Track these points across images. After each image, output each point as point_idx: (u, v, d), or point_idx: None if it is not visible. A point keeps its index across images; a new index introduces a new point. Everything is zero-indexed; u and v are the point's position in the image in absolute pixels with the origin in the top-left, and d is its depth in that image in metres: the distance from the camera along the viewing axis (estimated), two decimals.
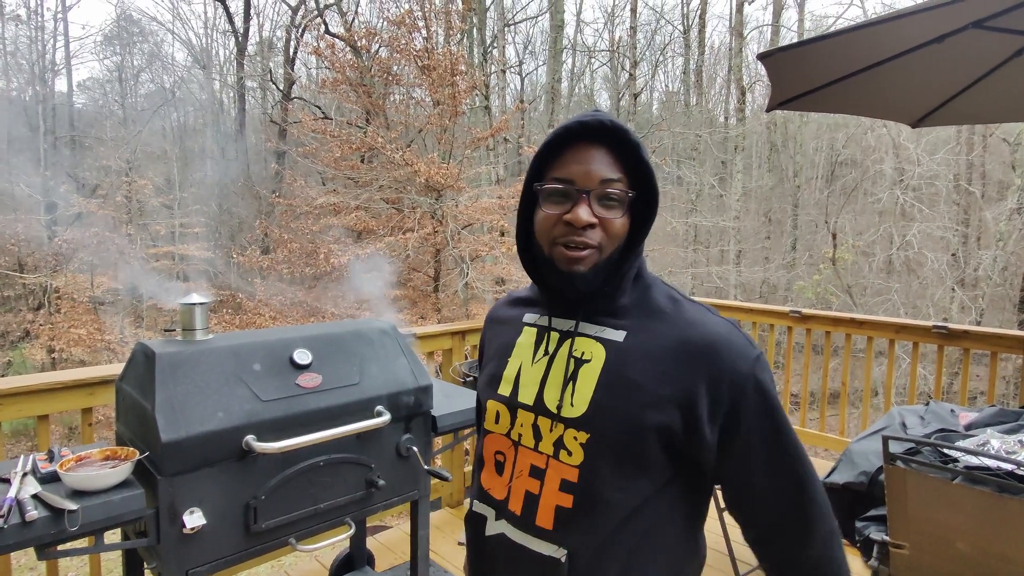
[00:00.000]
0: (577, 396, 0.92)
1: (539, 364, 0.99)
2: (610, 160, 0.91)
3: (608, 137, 0.91)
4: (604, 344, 0.93)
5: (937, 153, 13.94)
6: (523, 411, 0.98)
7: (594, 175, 0.90)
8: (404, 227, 10.83)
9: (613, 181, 0.90)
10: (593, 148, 0.91)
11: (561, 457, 0.92)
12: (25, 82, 16.47)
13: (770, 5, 16.96)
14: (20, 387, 2.07)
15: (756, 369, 0.90)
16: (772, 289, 16.33)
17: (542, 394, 0.96)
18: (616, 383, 0.91)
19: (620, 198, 0.91)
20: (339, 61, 11.78)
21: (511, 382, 1.01)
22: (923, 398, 10.28)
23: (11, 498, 1.41)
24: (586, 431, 0.91)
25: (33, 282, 13.39)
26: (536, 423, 0.96)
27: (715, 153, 17.14)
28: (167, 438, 1.51)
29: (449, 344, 3.42)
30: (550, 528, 0.93)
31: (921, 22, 2.21)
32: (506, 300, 1.15)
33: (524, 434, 0.97)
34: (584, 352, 0.94)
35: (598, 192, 0.90)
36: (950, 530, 1.82)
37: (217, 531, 1.62)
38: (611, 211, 0.91)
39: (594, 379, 0.92)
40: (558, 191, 0.91)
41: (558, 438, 0.93)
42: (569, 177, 0.91)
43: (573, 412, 0.92)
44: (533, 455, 0.96)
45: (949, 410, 2.52)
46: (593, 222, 0.90)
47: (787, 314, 4.24)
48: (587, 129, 0.91)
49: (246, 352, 1.76)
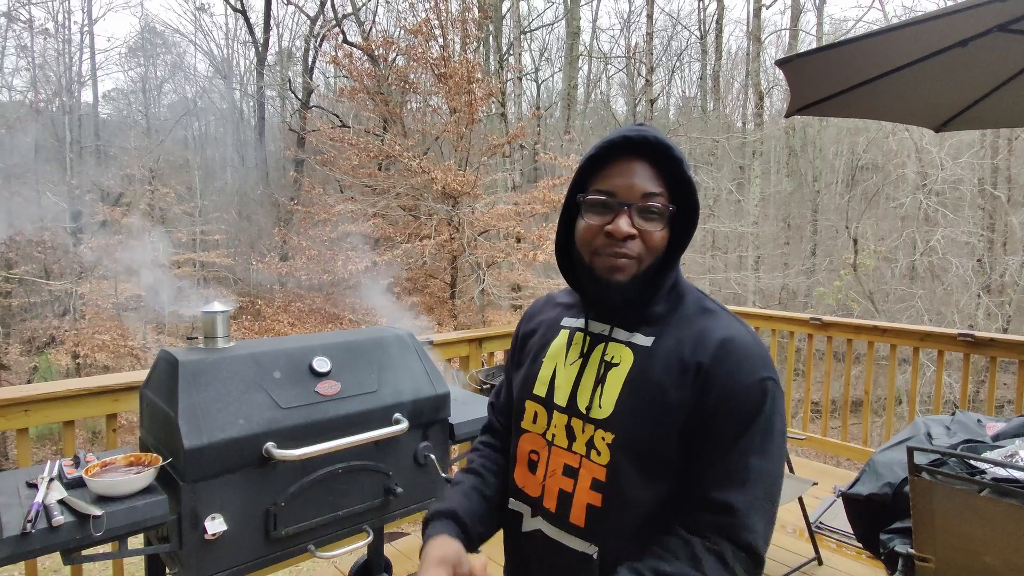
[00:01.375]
0: (605, 398, 0.96)
1: (573, 367, 1.02)
2: (652, 174, 0.94)
3: (651, 151, 0.94)
4: (633, 349, 0.97)
5: (961, 157, 13.70)
6: (558, 412, 1.02)
7: (636, 188, 0.93)
8: (421, 234, 10.90)
9: (654, 195, 0.93)
10: (636, 162, 0.94)
11: (592, 457, 0.96)
12: (52, 93, 16.87)
13: (788, 9, 16.82)
14: (48, 393, 2.11)
15: (763, 384, 0.90)
16: (791, 295, 16.14)
17: (575, 396, 1.00)
18: (640, 386, 0.94)
19: (660, 212, 0.94)
20: (357, 70, 11.92)
21: (546, 383, 1.05)
22: (949, 407, 10.07)
23: (38, 503, 1.43)
24: (612, 431, 0.94)
25: (59, 289, 13.68)
26: (569, 424, 1.00)
27: (733, 158, 17.01)
28: (190, 444, 1.53)
29: (466, 351, 3.42)
30: (582, 525, 0.96)
31: (944, 26, 2.18)
32: (545, 301, 1.19)
33: (558, 434, 1.01)
34: (614, 356, 0.98)
35: (639, 205, 0.93)
36: (977, 543, 1.77)
37: (238, 537, 1.64)
38: (651, 223, 0.94)
39: (621, 382, 0.95)
40: (600, 202, 0.94)
41: (589, 439, 0.97)
42: (612, 189, 0.94)
43: (601, 413, 0.95)
44: (567, 455, 0.99)
45: (976, 420, 2.46)
46: (633, 233, 0.93)
47: (807, 321, 4.18)
48: (631, 143, 0.94)
49: (266, 360, 1.79)
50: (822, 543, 3.02)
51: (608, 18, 30.19)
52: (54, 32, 16.67)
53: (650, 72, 17.11)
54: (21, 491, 1.56)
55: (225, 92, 19.81)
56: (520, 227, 11.09)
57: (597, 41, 20.25)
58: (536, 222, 11.50)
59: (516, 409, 1.10)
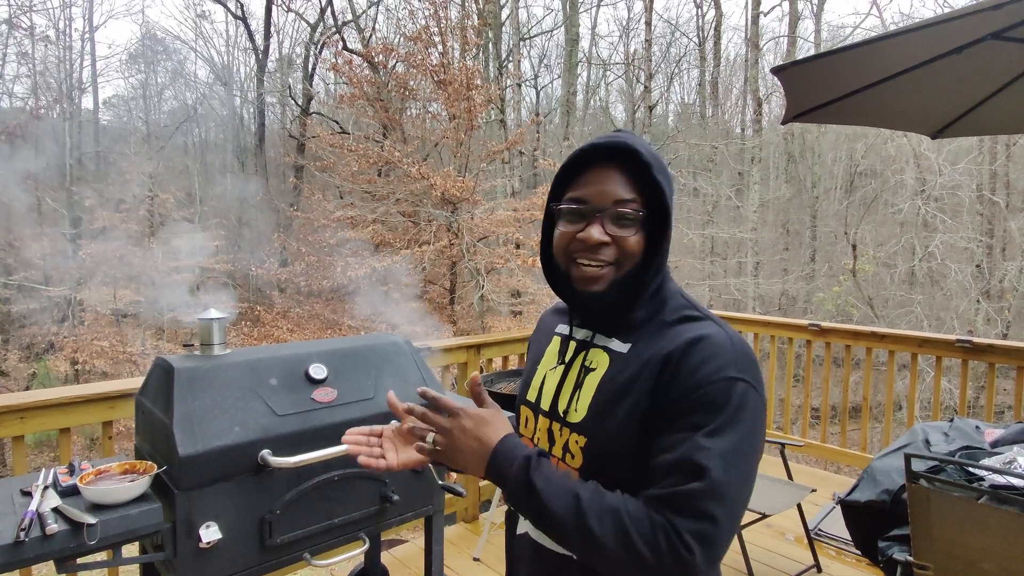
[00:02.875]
0: (580, 402, 0.97)
1: (556, 372, 1.04)
2: (625, 180, 0.94)
3: (623, 157, 0.95)
4: (610, 354, 0.98)
5: (959, 163, 13.72)
6: (542, 416, 1.04)
7: (608, 195, 0.94)
8: (420, 240, 10.91)
9: (627, 201, 0.94)
10: (609, 168, 0.95)
11: (567, 460, 0.97)
12: (53, 100, 16.91)
13: (786, 17, 16.91)
14: (44, 400, 2.10)
15: (731, 382, 0.85)
16: (791, 301, 16.14)
17: (556, 400, 1.02)
18: (611, 390, 0.94)
19: (634, 217, 0.94)
20: (357, 77, 11.96)
21: (536, 389, 1.08)
22: (947, 413, 10.05)
23: (32, 511, 1.43)
24: (584, 435, 0.95)
25: (57, 295, 13.66)
26: (551, 428, 1.02)
27: (731, 164, 17.04)
28: (185, 452, 1.53)
29: (465, 358, 3.42)
30: None
31: (939, 34, 2.19)
32: (552, 310, 1.21)
33: (541, 438, 1.03)
34: (592, 361, 0.99)
35: (612, 212, 0.93)
36: (976, 551, 1.77)
37: (233, 545, 1.63)
38: (624, 229, 0.94)
39: (594, 386, 0.96)
40: (573, 210, 0.96)
41: (565, 442, 0.98)
42: (584, 197, 0.95)
43: (576, 417, 0.97)
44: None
45: (974, 426, 2.46)
46: (605, 240, 0.93)
47: (806, 327, 4.18)
48: (602, 150, 0.95)
49: (262, 367, 1.78)
50: (821, 550, 3.01)
51: (607, 25, 30.33)
52: (55, 39, 16.74)
53: (649, 79, 17.16)
54: (15, 499, 1.55)
55: (225, 98, 19.86)
56: (519, 233, 11.10)
57: (596, 48, 20.34)
58: (536, 228, 11.50)
59: (517, 415, 1.14)
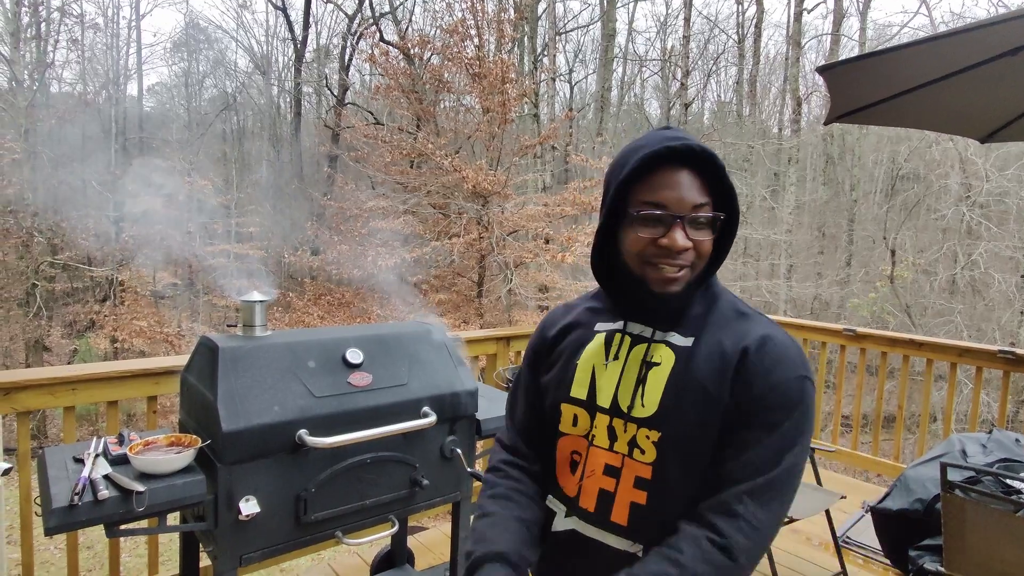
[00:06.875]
0: (647, 397, 0.98)
1: (613, 369, 1.04)
2: (698, 184, 0.96)
3: (696, 160, 0.96)
4: (673, 349, 0.99)
5: (1008, 169, 13.23)
6: (600, 414, 1.03)
7: (686, 201, 0.95)
8: (450, 232, 10.98)
9: (703, 205, 0.96)
10: (681, 172, 0.95)
11: (635, 455, 0.98)
12: (100, 86, 17.45)
13: (830, 14, 16.47)
14: (94, 374, 2.20)
15: (801, 382, 0.94)
16: (824, 306, 15.79)
17: (617, 397, 1.01)
18: (683, 385, 0.96)
19: (710, 221, 0.97)
20: (392, 68, 12.06)
21: (585, 386, 1.05)
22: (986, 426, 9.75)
23: (85, 477, 1.50)
24: (658, 429, 0.96)
25: (100, 275, 14.14)
26: (611, 424, 1.01)
27: (767, 164, 16.72)
28: (228, 428, 1.59)
29: (494, 349, 3.45)
30: (625, 524, 0.98)
31: (993, 34, 2.13)
32: (564, 309, 1.19)
33: (599, 435, 1.02)
34: (654, 356, 1.00)
35: (691, 217, 0.95)
36: (1011, 565, 1.73)
37: (269, 520, 1.69)
38: (702, 233, 0.97)
39: (663, 381, 0.98)
40: (653, 216, 0.96)
41: (632, 438, 0.98)
42: (662, 202, 0.95)
43: (644, 412, 0.98)
44: (607, 455, 1.01)
45: (1014, 439, 2.40)
46: (689, 246, 0.95)
47: (840, 332, 4.11)
48: (675, 153, 0.94)
49: (302, 349, 1.84)
50: (848, 558, 2.97)
51: (644, 20, 29.77)
52: (103, 26, 17.25)
53: (685, 76, 16.93)
54: (69, 466, 1.63)
55: (263, 88, 20.23)
56: (549, 228, 11.09)
57: (632, 43, 20.12)
58: (566, 224, 11.48)
59: (550, 415, 1.10)
